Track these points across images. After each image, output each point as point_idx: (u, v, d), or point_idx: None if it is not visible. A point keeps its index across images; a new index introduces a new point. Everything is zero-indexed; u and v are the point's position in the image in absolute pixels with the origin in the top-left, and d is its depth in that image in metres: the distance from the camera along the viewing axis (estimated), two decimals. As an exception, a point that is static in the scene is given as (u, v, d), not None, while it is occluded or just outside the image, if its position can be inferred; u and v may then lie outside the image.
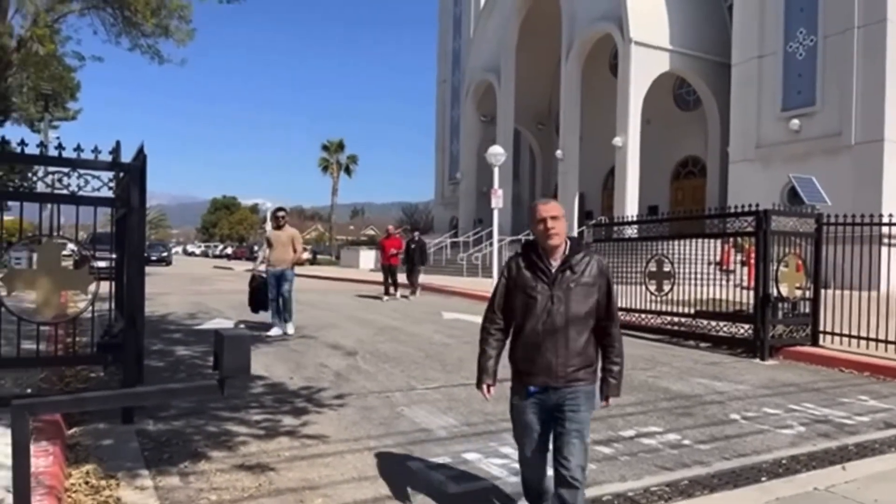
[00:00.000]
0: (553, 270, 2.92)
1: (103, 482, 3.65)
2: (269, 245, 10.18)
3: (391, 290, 16.44)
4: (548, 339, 2.89)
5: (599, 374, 3.06)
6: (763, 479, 4.00)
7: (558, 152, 27.78)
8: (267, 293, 9.87)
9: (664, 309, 10.17)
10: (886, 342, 7.79)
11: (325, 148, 59.10)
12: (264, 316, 10.28)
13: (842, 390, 6.54)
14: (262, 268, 10.20)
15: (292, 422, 5.07)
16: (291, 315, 10.03)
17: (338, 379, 6.73)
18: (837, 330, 8.36)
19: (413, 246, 17.03)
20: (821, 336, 8.63)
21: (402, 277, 17.05)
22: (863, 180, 19.03)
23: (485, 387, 3.11)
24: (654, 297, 10.24)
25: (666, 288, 10.01)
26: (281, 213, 10.40)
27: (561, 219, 2.91)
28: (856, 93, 19.58)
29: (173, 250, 54.46)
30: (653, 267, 10.25)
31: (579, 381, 2.93)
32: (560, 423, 2.94)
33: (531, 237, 3.05)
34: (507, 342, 3.12)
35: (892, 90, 19.04)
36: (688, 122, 28.34)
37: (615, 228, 11.63)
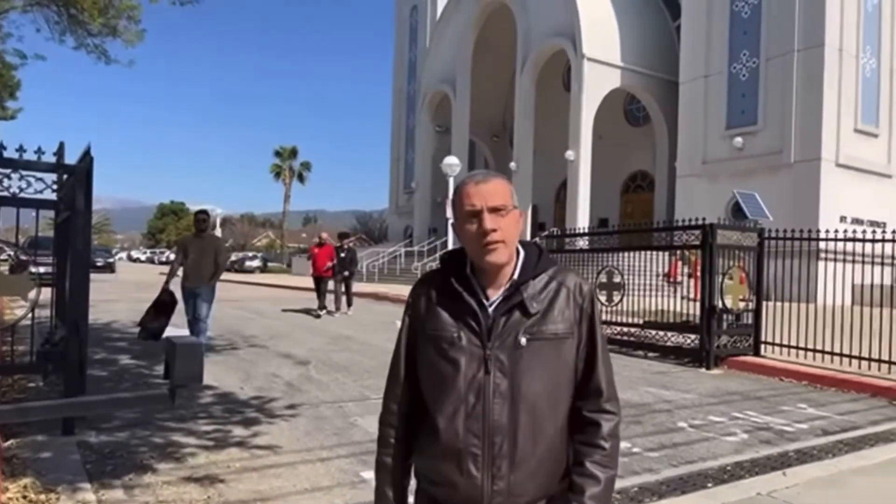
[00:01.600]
0: (491, 309, 1.54)
1: (42, 496, 3.50)
2: (185, 254, 8.23)
3: (325, 303, 14.55)
4: (475, 446, 1.50)
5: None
6: (709, 485, 4.11)
7: (512, 164, 28.12)
8: (169, 315, 7.43)
9: (614, 319, 10.36)
10: (823, 352, 8.11)
11: (277, 154, 58.37)
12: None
13: (782, 398, 6.78)
14: (175, 283, 7.87)
15: (243, 432, 4.96)
16: (207, 328, 8.39)
17: (290, 389, 6.62)
18: (778, 340, 8.66)
19: (343, 255, 14.78)
20: (762, 346, 8.93)
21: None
22: (801, 197, 19.85)
23: None
24: (604, 308, 10.44)
25: (616, 298, 10.22)
26: (202, 216, 8.55)
27: (510, 212, 1.54)
28: (795, 113, 20.46)
29: (117, 256, 52.59)
30: (603, 278, 10.45)
31: None
32: None
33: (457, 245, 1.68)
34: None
35: (828, 112, 19.97)
36: (637, 138, 29.11)
37: (567, 240, 11.83)
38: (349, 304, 14.93)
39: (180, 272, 8.41)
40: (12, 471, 3.88)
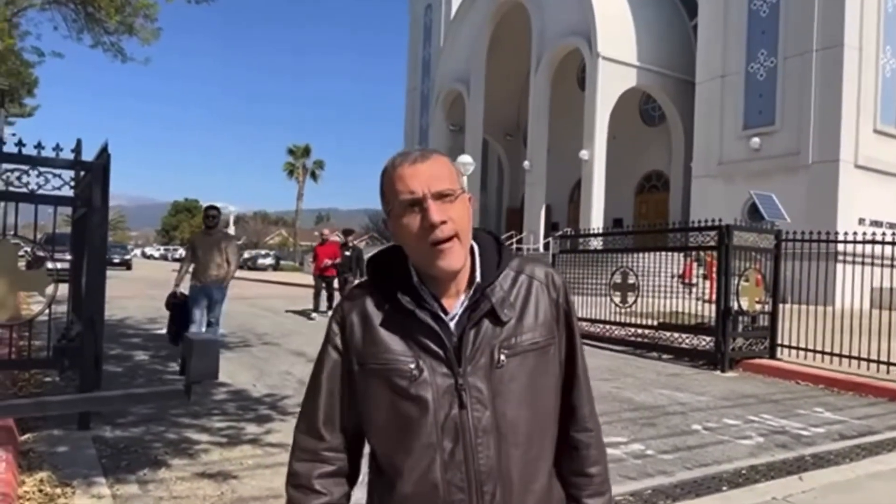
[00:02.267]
0: (452, 324, 1.21)
1: (58, 490, 3.53)
2: (194, 253, 7.83)
3: (322, 305, 13.67)
4: (461, 502, 1.18)
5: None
6: (724, 488, 4.08)
7: (526, 163, 28.04)
8: (189, 317, 7.52)
9: (628, 321, 10.31)
10: (841, 356, 8.02)
11: (291, 152, 58.64)
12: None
13: (798, 402, 6.71)
14: (184, 287, 7.77)
15: (255, 429, 4.98)
16: (218, 324, 8.10)
17: (302, 386, 6.57)
18: (794, 343, 8.58)
19: (348, 253, 13.68)
20: (778, 349, 8.85)
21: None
22: (819, 198, 19.64)
23: None
24: (618, 309, 10.38)
25: (630, 300, 10.16)
26: (213, 213, 8.00)
27: (458, 197, 1.20)
28: (813, 114, 20.24)
29: (132, 253, 53.00)
30: (617, 279, 10.39)
31: None
32: None
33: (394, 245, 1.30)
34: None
35: (847, 112, 19.73)
36: (652, 138, 28.93)
37: (581, 240, 11.78)
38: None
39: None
40: (29, 464, 3.92)
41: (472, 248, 1.26)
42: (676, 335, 9.55)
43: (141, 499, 3.55)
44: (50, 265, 5.13)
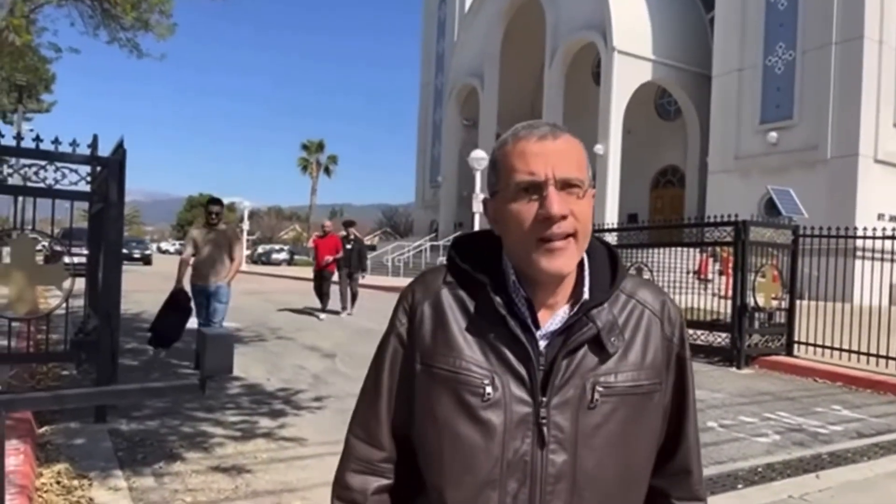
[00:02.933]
0: (544, 344, 1.02)
1: (75, 482, 3.57)
2: (196, 249, 7.13)
3: (327, 304, 12.76)
4: None
5: None
6: (739, 486, 4.04)
7: (540, 158, 27.90)
8: (184, 319, 6.80)
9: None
10: (859, 353, 7.92)
11: (304, 147, 58.91)
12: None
13: (816, 400, 6.64)
14: (186, 283, 7.05)
15: (269, 423, 5.01)
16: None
17: (316, 381, 6.67)
18: (812, 340, 8.49)
19: (349, 247, 12.64)
20: (795, 346, 8.76)
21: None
22: (837, 194, 19.38)
23: None
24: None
25: (644, 295, 10.09)
26: (215, 208, 7.21)
27: (586, 192, 1.01)
28: (832, 108, 19.95)
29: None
30: (632, 274, 10.33)
31: None
32: None
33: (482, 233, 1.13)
34: None
35: (866, 106, 19.44)
36: (668, 132, 28.68)
37: (595, 235, 11.71)
38: (352, 303, 12.96)
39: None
40: (46, 457, 3.97)
41: (584, 259, 1.06)
42: (692, 331, 9.47)
43: (157, 491, 3.58)
44: (67, 260, 5.18)
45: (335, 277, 12.70)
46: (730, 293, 9.26)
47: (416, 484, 1.06)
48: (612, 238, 11.28)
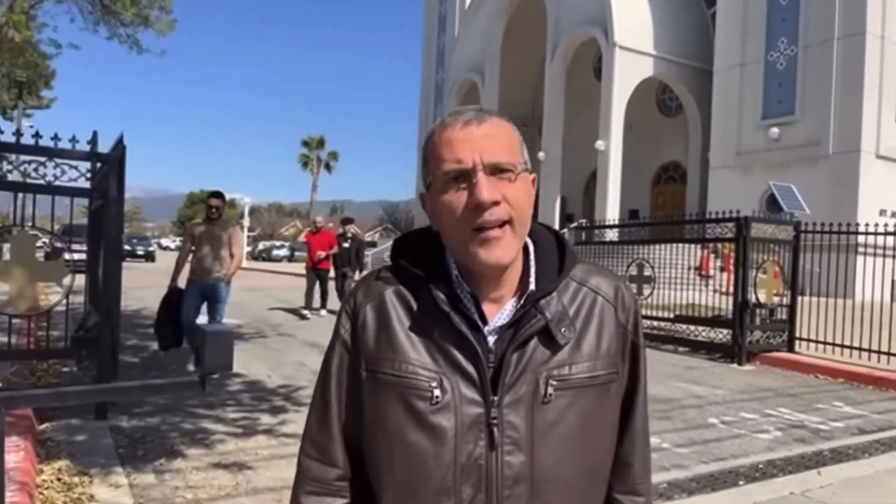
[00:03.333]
0: (493, 339, 0.97)
1: (76, 479, 3.57)
2: (194, 244, 6.70)
3: (314, 303, 12.00)
4: None
5: None
6: (741, 482, 4.03)
7: (541, 154, 27.88)
8: (178, 317, 6.46)
9: (644, 313, 10.23)
10: (860, 349, 7.91)
11: (305, 144, 58.87)
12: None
13: (817, 396, 6.63)
14: (182, 281, 6.75)
15: (270, 420, 5.01)
16: None
17: (316, 377, 6.65)
18: (813, 337, 8.48)
19: (347, 245, 11.92)
20: (797, 342, 8.74)
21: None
22: (839, 190, 19.34)
23: None
24: (633, 301, 10.31)
25: (646, 292, 10.08)
26: (215, 202, 6.73)
27: (520, 175, 0.97)
28: (834, 103, 19.90)
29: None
30: (633, 271, 10.31)
31: None
32: None
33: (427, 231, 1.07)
34: None
35: (868, 101, 19.38)
36: (669, 128, 28.63)
37: (596, 232, 11.69)
38: (337, 295, 12.03)
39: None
40: (47, 453, 3.96)
41: (525, 246, 1.01)
42: (693, 328, 9.47)
43: (157, 488, 3.58)
44: (67, 256, 5.18)
45: (332, 274, 12.15)
46: (731, 289, 9.25)
47: (372, 498, 1.01)
48: (613, 234, 11.27)
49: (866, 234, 8.04)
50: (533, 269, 1.00)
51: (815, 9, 20.36)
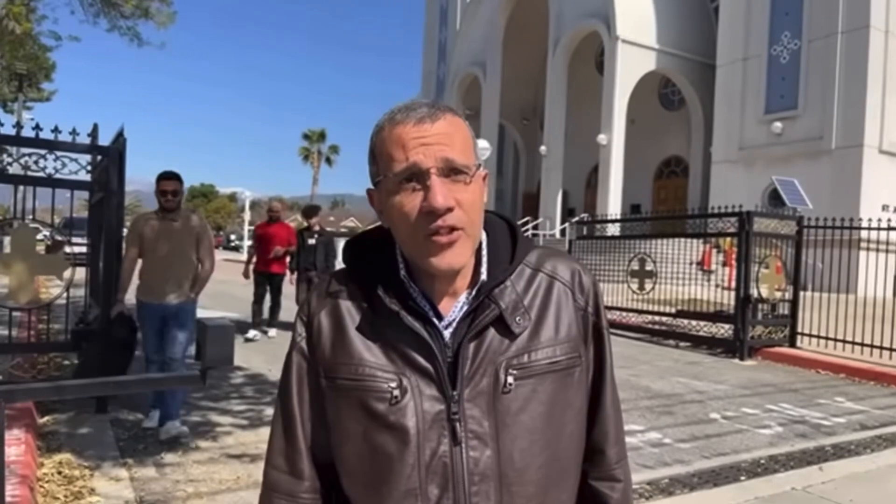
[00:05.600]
0: (448, 333, 0.95)
1: (77, 472, 3.56)
2: (144, 249, 4.49)
3: (261, 317, 8.80)
4: None
5: None
6: (742, 478, 4.03)
7: (542, 148, 27.82)
8: (131, 349, 4.65)
9: (645, 308, 10.22)
10: (863, 345, 7.89)
11: (306, 137, 58.80)
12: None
13: (819, 391, 6.62)
14: (125, 298, 4.57)
15: (272, 413, 5.00)
16: (179, 406, 4.48)
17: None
18: (815, 332, 8.46)
19: (312, 241, 8.74)
20: (799, 338, 8.73)
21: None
22: (842, 184, 19.28)
23: None
24: (635, 296, 10.29)
25: (648, 287, 10.07)
26: (170, 185, 4.44)
27: (474, 177, 0.93)
28: (837, 98, 19.82)
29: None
30: (635, 265, 10.29)
31: None
32: None
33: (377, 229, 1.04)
34: None
35: (872, 96, 19.31)
36: (672, 122, 28.54)
37: (598, 226, 11.67)
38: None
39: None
40: (48, 446, 3.96)
41: (482, 238, 0.99)
42: (694, 323, 9.45)
43: (158, 481, 3.58)
44: (68, 249, 5.16)
45: (288, 279, 9.10)
46: (733, 284, 9.23)
47: None
48: (615, 229, 11.25)
49: (869, 229, 8.01)
50: (485, 260, 0.98)
51: (818, 3, 20.26)
